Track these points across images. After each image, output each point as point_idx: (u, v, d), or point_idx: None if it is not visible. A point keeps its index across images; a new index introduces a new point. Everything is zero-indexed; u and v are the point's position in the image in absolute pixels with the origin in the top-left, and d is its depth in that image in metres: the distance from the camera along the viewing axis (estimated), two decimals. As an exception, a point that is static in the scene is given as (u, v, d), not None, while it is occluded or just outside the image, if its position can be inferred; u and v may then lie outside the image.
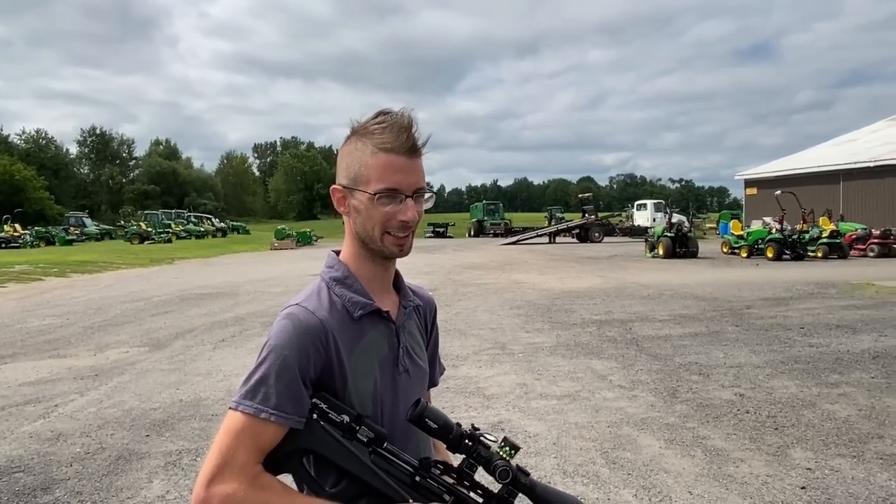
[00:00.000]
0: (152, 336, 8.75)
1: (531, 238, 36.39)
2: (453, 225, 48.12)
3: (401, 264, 1.26)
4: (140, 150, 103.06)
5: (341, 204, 1.22)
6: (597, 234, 35.50)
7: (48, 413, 5.37)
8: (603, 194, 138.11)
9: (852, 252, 20.94)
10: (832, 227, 21.19)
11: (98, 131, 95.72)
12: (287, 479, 1.13)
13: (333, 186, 1.22)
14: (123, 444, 4.55)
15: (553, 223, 40.32)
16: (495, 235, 43.32)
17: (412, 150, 1.15)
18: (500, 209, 51.09)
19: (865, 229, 22.15)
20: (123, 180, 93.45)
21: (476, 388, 5.82)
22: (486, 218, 47.52)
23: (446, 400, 5.39)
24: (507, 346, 7.66)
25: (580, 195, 45.18)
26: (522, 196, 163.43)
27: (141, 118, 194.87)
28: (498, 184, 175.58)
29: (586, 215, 37.46)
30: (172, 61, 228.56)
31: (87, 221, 50.30)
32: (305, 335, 1.10)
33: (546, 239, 36.08)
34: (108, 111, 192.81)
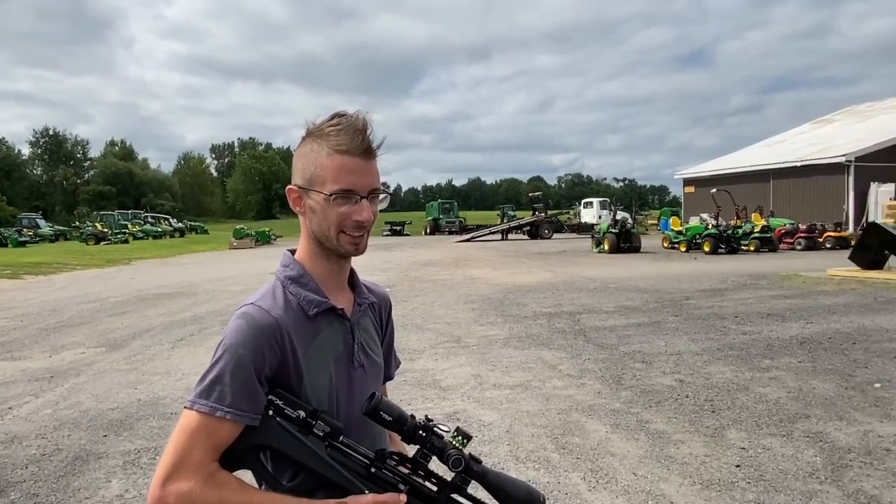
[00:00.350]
0: (109, 336, 8.45)
1: (485, 235, 36.52)
2: (410, 223, 47.94)
3: (359, 261, 1.24)
4: (95, 151, 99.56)
5: (297, 204, 1.20)
6: (546, 231, 35.84)
7: (1, 416, 5.13)
8: (552, 193, 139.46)
9: (781, 245, 21.66)
10: (763, 222, 21.88)
11: (51, 132, 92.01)
12: (247, 476, 1.11)
13: (289, 187, 1.20)
14: (80, 445, 4.39)
15: (505, 221, 40.46)
16: (450, 233, 43.39)
17: (367, 151, 1.14)
18: (454, 208, 51.15)
19: (793, 224, 23.02)
20: (78, 181, 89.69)
21: (433, 380, 5.82)
22: (441, 216, 47.54)
23: (404, 392, 5.37)
24: (461, 339, 7.67)
25: (530, 194, 45.55)
26: (476, 195, 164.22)
27: (96, 119, 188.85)
28: (452, 183, 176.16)
29: (536, 213, 37.80)
30: (128, 63, 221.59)
31: (41, 223, 48.00)
32: (260, 334, 1.08)
33: (499, 236, 36.24)
34: (62, 112, 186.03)
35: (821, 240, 21.74)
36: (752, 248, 20.64)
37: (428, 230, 46.55)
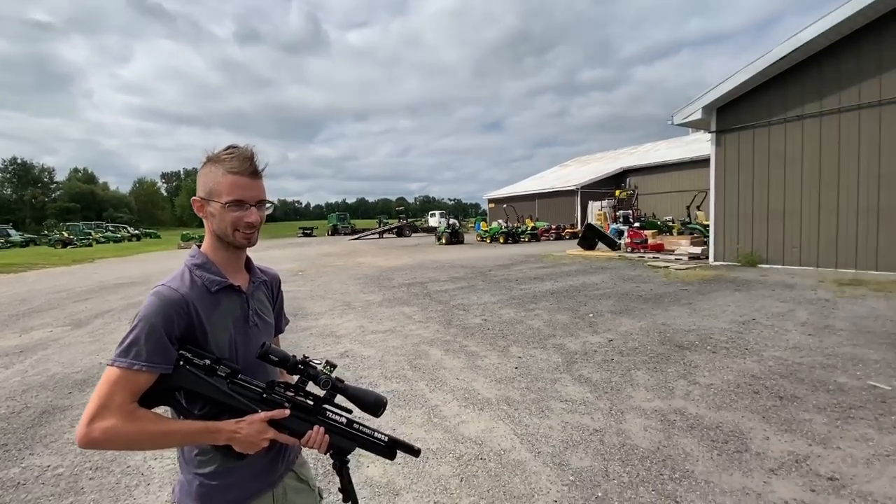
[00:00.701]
0: (75, 318, 7.05)
1: (368, 235, 35.68)
2: (317, 228, 45.48)
3: (281, 254, 1.15)
4: (61, 176, 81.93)
5: (200, 210, 1.07)
6: (408, 232, 35.75)
7: (-29, 387, 4.09)
8: (411, 207, 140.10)
9: (542, 237, 23.42)
10: (532, 224, 23.65)
11: (18, 161, 74.30)
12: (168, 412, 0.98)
13: (193, 198, 1.07)
14: (48, 402, 3.62)
15: (381, 226, 39.89)
16: (345, 234, 41.77)
17: (254, 173, 1.05)
18: (347, 218, 49.12)
19: (549, 225, 25.13)
20: (46, 200, 73.57)
21: (331, 332, 5.56)
22: (338, 223, 45.51)
23: (310, 341, 5.08)
24: (351, 303, 7.41)
25: (397, 208, 45.55)
26: (362, 209, 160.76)
27: (61, 151, 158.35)
28: (346, 201, 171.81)
29: (401, 220, 37.82)
30: (88, 109, 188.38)
31: (12, 231, 38.43)
32: (169, 306, 0.96)
33: (377, 236, 35.63)
34: (28, 146, 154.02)
35: (563, 234, 23.62)
36: (526, 240, 21.87)
37: (329, 233, 44.37)
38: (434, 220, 44.71)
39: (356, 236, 35.80)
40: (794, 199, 9.21)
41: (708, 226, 11.75)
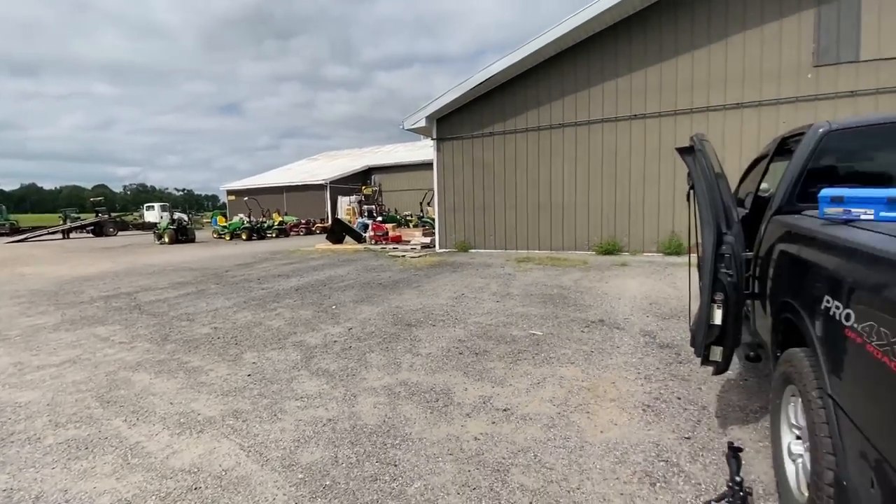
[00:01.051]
0: None
1: (43, 235, 25.92)
2: (-64, 227, 30.05)
3: None
4: None
5: None
6: (111, 229, 28.01)
7: None
8: (119, 199, 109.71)
9: (292, 232, 22.70)
10: (280, 219, 22.48)
11: None
12: None
13: None
14: None
15: (67, 222, 29.68)
16: (1, 236, 29.18)
17: None
18: (3, 212, 34.47)
19: (298, 219, 24.38)
20: None
21: (-48, 380, 3.77)
22: (-17, 219, 31.38)
23: None
24: (1, 332, 5.24)
25: (94, 199, 34.76)
26: (32, 199, 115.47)
27: None
28: (1, 189, 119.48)
29: (99, 215, 29.18)
30: None
31: None
32: None
33: (60, 236, 26.35)
34: None
35: (314, 228, 23.61)
36: (273, 235, 20.86)
37: (-35, 233, 30.10)
38: (152, 215, 36.54)
39: (21, 237, 25.61)
40: (489, 197, 11.85)
41: (434, 219, 13.81)
